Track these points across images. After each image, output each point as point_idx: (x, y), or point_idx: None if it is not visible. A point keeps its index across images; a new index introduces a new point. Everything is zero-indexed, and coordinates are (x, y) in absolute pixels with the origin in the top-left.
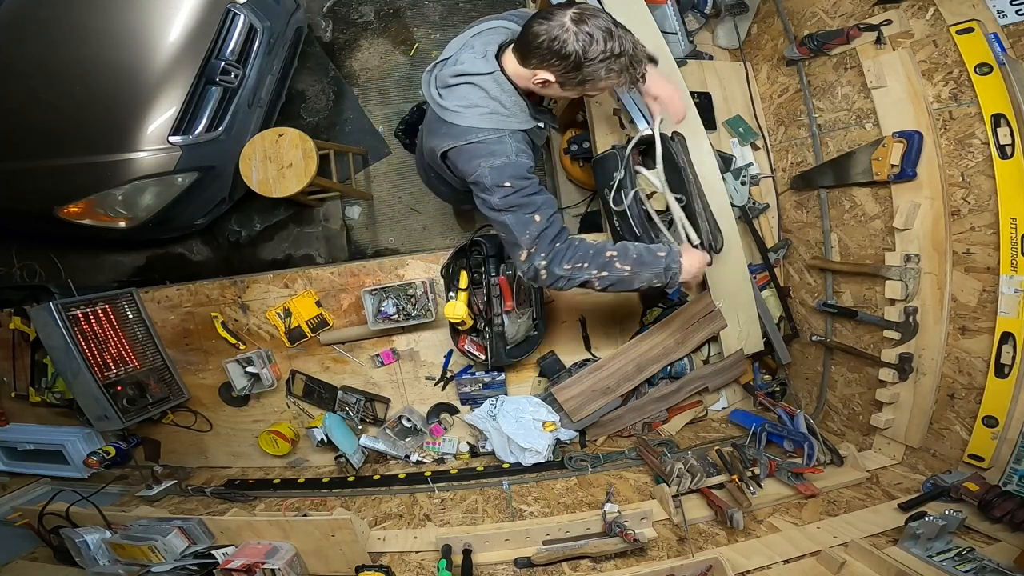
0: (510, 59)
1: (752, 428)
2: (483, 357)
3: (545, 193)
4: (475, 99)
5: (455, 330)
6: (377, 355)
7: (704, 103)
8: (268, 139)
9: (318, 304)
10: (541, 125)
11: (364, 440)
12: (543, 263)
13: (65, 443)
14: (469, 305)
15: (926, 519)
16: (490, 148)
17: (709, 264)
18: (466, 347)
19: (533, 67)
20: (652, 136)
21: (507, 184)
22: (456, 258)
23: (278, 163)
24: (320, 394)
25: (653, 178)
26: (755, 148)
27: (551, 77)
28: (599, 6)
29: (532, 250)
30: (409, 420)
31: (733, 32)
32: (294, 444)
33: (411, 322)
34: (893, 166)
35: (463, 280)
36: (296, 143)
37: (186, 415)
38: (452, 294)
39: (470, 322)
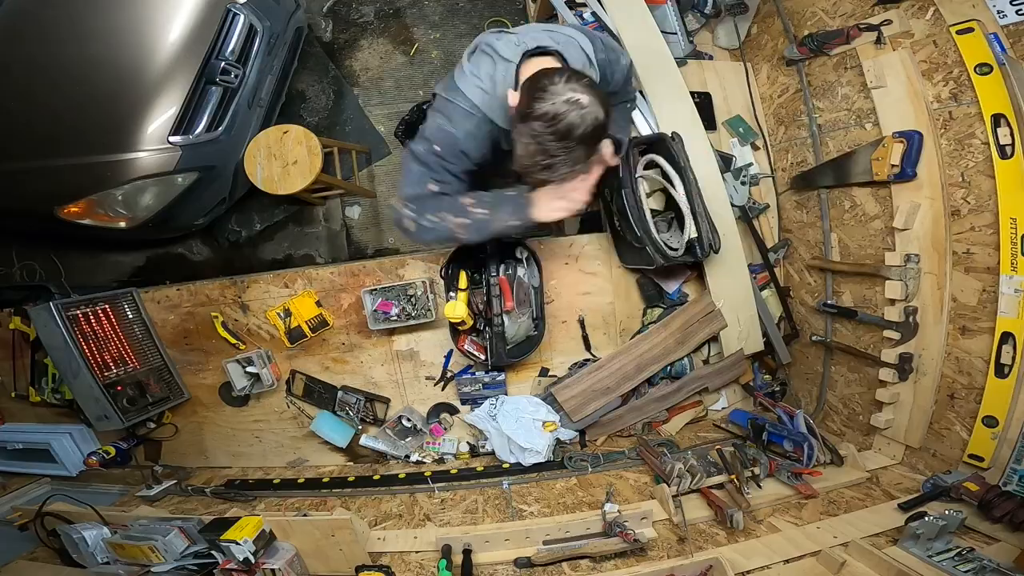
0: (531, 66)
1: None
2: (483, 357)
3: (459, 181)
4: (482, 72)
5: (455, 330)
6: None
7: (704, 103)
8: (273, 136)
9: (318, 304)
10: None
11: (364, 440)
12: (411, 215)
13: (51, 442)
14: (469, 305)
15: (926, 519)
16: (452, 113)
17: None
18: (466, 347)
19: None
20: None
21: (436, 147)
22: (456, 258)
23: (283, 160)
24: (320, 394)
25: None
26: (755, 148)
27: (513, 104)
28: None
29: (409, 205)
30: (409, 420)
31: (733, 32)
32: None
33: (411, 322)
34: (893, 166)
35: (463, 280)
36: (301, 140)
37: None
38: (452, 294)
39: (470, 322)
